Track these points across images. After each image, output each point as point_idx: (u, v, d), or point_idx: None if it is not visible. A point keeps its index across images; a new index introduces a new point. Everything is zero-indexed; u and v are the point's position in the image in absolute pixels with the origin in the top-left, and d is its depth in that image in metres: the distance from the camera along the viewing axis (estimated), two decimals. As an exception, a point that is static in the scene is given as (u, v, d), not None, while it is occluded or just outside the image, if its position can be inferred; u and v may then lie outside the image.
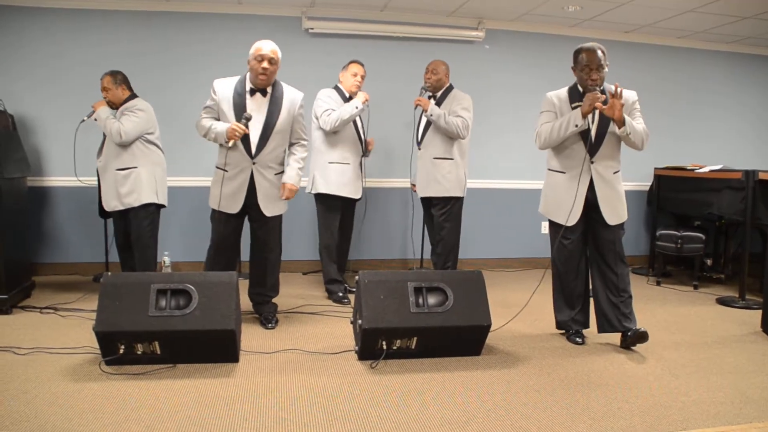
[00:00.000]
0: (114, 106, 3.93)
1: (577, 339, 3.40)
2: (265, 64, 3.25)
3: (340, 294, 4.25)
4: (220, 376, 2.81)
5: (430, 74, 4.29)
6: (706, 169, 4.94)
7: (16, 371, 2.77)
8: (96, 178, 4.17)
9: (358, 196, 4.29)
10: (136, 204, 3.90)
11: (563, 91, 3.32)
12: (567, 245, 3.35)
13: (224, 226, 3.48)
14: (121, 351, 2.81)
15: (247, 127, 3.27)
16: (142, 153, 3.93)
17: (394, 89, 5.22)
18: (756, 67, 6.11)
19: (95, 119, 3.91)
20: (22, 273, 4.05)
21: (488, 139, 5.46)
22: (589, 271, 3.44)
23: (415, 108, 4.38)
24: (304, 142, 3.60)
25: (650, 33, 5.64)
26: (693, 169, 5.09)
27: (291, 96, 3.46)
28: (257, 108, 3.34)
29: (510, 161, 5.62)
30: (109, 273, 2.99)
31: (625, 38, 5.65)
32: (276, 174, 3.48)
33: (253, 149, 3.36)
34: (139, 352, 2.85)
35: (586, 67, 3.13)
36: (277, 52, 3.31)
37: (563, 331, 3.53)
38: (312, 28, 5.10)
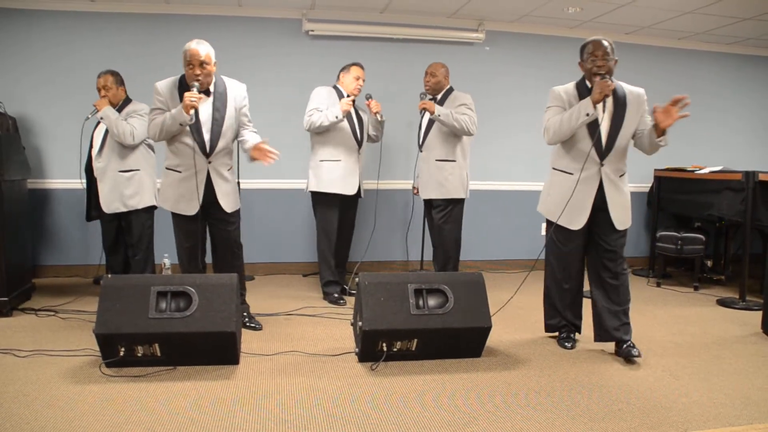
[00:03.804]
0: (112, 106, 3.91)
1: (566, 344, 3.35)
2: (197, 71, 3.19)
3: (335, 295, 4.26)
4: (220, 378, 2.81)
5: (429, 77, 4.26)
6: (706, 171, 4.94)
7: (16, 374, 2.77)
8: (82, 179, 4.19)
9: (351, 192, 4.20)
10: (140, 206, 3.95)
11: (570, 86, 3.20)
12: (566, 250, 3.26)
13: (190, 228, 3.43)
14: (122, 353, 2.81)
15: (199, 92, 3.18)
16: (143, 156, 3.97)
17: (395, 91, 5.22)
18: (756, 69, 6.11)
19: (101, 118, 3.86)
20: (22, 275, 4.05)
21: (488, 140, 5.46)
22: (584, 277, 3.35)
23: (421, 113, 4.32)
24: (252, 127, 3.53)
25: (650, 34, 5.64)
26: (693, 171, 5.09)
27: (234, 90, 3.41)
28: (203, 108, 3.29)
29: (510, 163, 5.62)
30: (110, 275, 2.99)
31: (625, 39, 5.66)
32: (228, 170, 3.46)
33: (208, 148, 3.32)
34: (139, 355, 2.85)
35: (592, 55, 3.05)
36: (208, 53, 3.20)
37: (554, 334, 3.48)
38: (312, 30, 5.10)
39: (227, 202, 3.43)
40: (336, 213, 4.24)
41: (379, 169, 4.76)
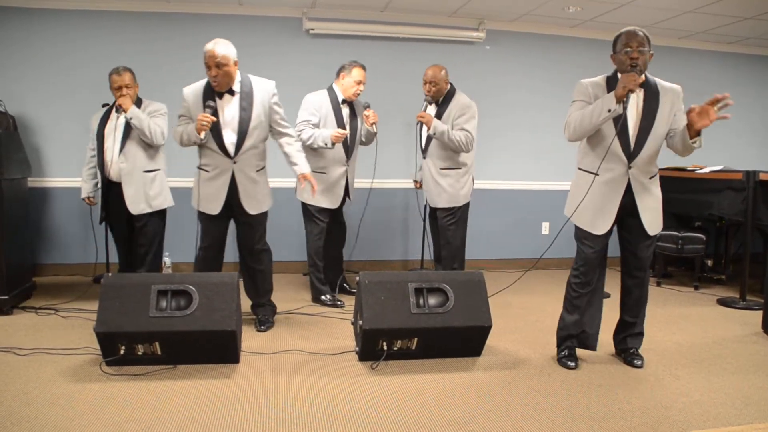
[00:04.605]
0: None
1: (569, 363, 3.03)
2: (213, 72, 3.17)
3: (327, 297, 4.17)
4: (220, 376, 2.81)
5: (429, 86, 4.10)
6: (706, 170, 4.94)
7: (16, 372, 2.77)
8: (99, 180, 4.07)
9: (333, 207, 4.12)
10: (164, 206, 3.97)
11: (600, 79, 2.92)
12: (588, 254, 2.95)
13: (209, 227, 3.45)
14: (122, 352, 2.81)
15: (213, 114, 3.18)
16: (160, 155, 3.98)
17: (395, 90, 5.22)
18: (756, 68, 6.11)
19: (130, 118, 3.73)
20: (22, 274, 4.05)
21: (489, 139, 5.46)
22: (603, 287, 3.11)
23: (418, 124, 4.24)
24: (290, 131, 3.50)
25: (650, 33, 5.49)
26: (694, 170, 5.09)
27: (262, 88, 3.37)
28: (228, 108, 3.29)
29: (510, 162, 5.62)
30: (110, 274, 2.99)
31: (625, 39, 5.65)
32: (257, 171, 3.43)
33: (231, 150, 3.31)
34: (139, 353, 2.85)
35: (626, 46, 2.78)
36: (223, 54, 3.15)
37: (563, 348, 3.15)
38: (313, 29, 5.10)
39: (250, 204, 3.41)
40: (322, 219, 4.14)
41: (374, 168, 4.75)
